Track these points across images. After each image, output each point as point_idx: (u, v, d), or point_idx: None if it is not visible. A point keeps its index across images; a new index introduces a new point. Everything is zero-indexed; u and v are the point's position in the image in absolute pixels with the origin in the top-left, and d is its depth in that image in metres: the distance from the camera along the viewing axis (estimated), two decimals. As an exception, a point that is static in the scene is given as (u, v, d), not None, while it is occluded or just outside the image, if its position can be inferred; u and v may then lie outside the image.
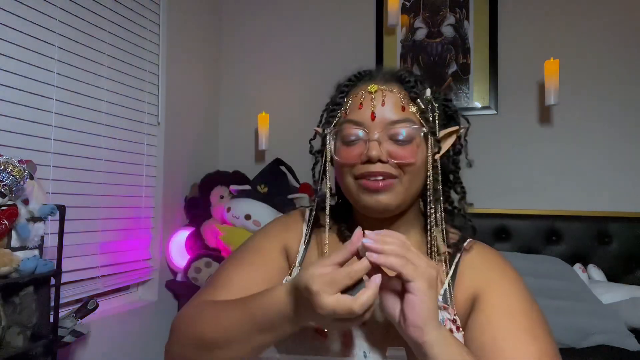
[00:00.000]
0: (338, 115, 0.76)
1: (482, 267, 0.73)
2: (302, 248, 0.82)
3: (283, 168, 2.32)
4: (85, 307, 1.51)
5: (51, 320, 1.34)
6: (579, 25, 2.19)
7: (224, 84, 2.77)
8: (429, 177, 0.72)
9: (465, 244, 0.76)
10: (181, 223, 2.36)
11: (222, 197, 2.30)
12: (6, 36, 1.50)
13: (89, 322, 1.60)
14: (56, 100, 1.67)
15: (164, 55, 2.23)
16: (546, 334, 0.66)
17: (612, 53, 2.14)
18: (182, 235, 2.26)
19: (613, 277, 1.94)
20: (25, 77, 1.56)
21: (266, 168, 2.35)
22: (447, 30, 2.38)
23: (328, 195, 0.78)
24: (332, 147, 0.76)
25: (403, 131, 0.71)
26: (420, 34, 2.42)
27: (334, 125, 0.76)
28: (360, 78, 0.78)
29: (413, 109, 0.73)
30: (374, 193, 0.71)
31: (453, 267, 0.74)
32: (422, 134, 0.72)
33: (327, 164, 0.79)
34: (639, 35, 2.10)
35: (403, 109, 0.72)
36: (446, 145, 0.77)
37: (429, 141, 0.72)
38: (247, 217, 2.11)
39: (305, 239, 0.83)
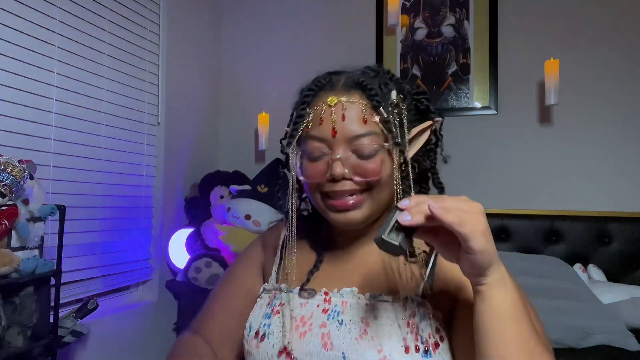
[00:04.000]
0: (300, 129, 0.74)
1: None
2: (277, 260, 0.84)
3: (283, 168, 2.32)
4: (85, 307, 1.52)
5: (51, 320, 1.34)
6: (579, 25, 2.19)
7: (223, 84, 2.77)
8: (395, 185, 0.70)
9: None
10: (181, 223, 2.36)
11: (222, 197, 2.30)
12: (6, 36, 1.50)
13: (89, 322, 1.60)
14: (56, 100, 1.67)
15: (164, 55, 2.23)
16: (534, 312, 0.69)
17: (612, 53, 2.13)
18: (182, 235, 2.26)
19: (613, 277, 1.93)
20: (25, 77, 1.56)
21: (266, 168, 2.35)
22: (447, 30, 2.38)
23: (292, 211, 0.76)
24: (298, 164, 0.74)
25: (366, 146, 0.69)
26: (420, 34, 2.41)
27: (297, 142, 0.75)
28: (321, 87, 0.76)
29: (376, 118, 0.70)
30: (342, 211, 0.71)
31: (431, 262, 0.72)
32: (386, 147, 0.70)
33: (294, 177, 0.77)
34: (639, 35, 2.11)
35: (365, 121, 0.70)
36: (420, 142, 0.76)
37: (394, 151, 0.71)
38: (247, 217, 2.11)
39: (280, 251, 0.84)
